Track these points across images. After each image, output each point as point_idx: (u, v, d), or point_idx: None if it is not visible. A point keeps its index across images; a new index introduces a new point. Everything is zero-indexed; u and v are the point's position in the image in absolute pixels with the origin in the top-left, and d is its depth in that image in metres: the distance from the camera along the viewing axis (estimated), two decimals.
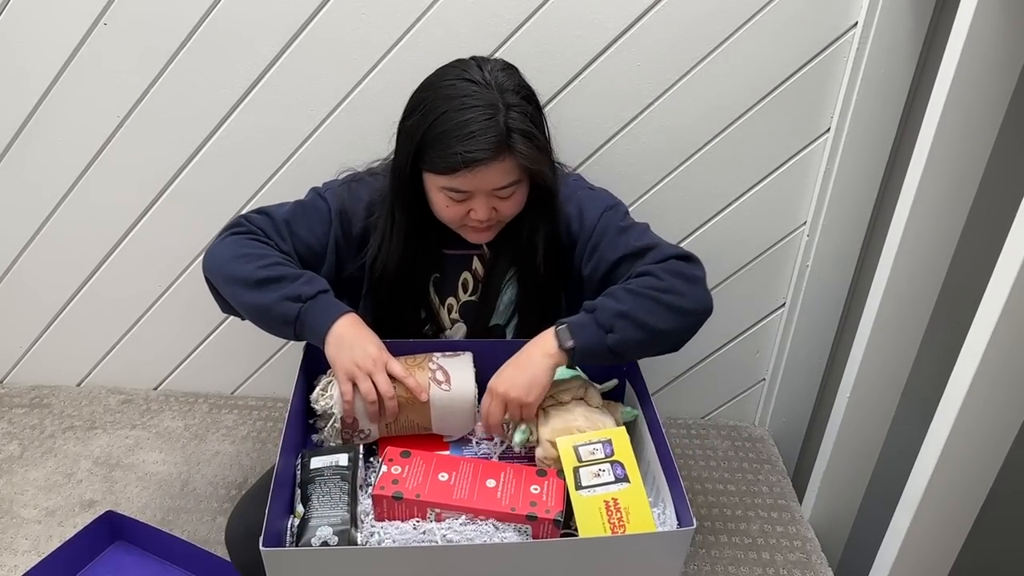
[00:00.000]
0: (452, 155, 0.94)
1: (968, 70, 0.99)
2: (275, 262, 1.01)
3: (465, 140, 0.94)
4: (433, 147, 0.97)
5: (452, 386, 0.97)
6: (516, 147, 0.96)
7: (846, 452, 1.37)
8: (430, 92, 0.99)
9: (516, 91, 0.99)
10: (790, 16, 1.26)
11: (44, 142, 1.43)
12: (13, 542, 1.33)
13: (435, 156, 0.97)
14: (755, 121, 1.35)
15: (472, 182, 0.97)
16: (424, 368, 0.98)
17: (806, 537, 1.40)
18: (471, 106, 0.95)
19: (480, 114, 0.95)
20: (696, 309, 0.98)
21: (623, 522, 0.82)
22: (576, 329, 0.94)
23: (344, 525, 0.83)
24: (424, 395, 0.96)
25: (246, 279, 0.99)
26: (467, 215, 1.02)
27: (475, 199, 1.00)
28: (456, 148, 0.94)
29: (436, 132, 0.96)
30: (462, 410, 0.98)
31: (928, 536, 1.07)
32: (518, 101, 0.98)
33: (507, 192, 1.00)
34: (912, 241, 1.13)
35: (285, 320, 0.98)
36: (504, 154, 0.96)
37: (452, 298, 1.15)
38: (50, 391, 1.69)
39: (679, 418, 1.70)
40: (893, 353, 1.25)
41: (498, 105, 0.96)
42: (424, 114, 0.98)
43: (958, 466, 0.99)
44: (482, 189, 0.99)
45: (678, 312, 0.96)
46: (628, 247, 1.03)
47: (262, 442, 1.59)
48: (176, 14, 1.30)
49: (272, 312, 0.98)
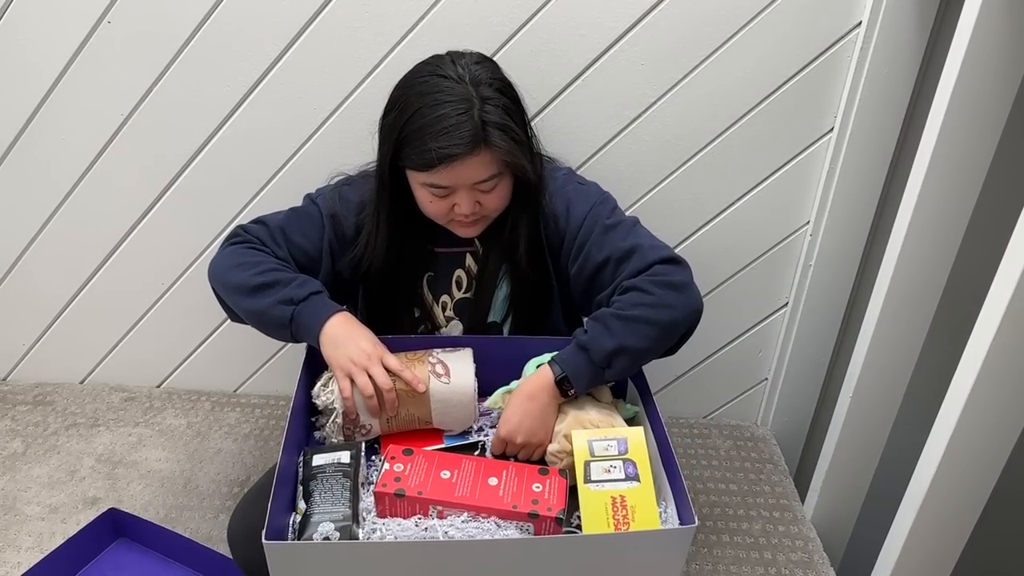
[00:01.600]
0: (427, 151, 0.95)
1: (972, 70, 0.99)
2: (270, 268, 1.03)
3: (440, 136, 0.94)
4: (410, 144, 0.97)
5: (452, 379, 0.97)
6: (492, 141, 0.96)
7: (848, 452, 1.37)
8: (405, 90, 1.00)
9: (491, 83, 0.99)
10: (793, 15, 1.26)
11: (48, 140, 1.43)
12: (16, 539, 1.33)
13: (412, 153, 0.97)
14: (758, 121, 1.35)
15: (451, 177, 0.98)
16: (424, 362, 0.99)
17: (808, 537, 1.40)
18: (444, 102, 0.95)
19: (453, 109, 0.95)
20: (688, 317, 0.99)
21: (628, 519, 0.82)
22: (573, 374, 0.95)
23: (346, 521, 0.83)
24: (422, 386, 0.96)
25: (243, 286, 1.02)
26: (451, 210, 1.02)
27: (458, 194, 1.00)
28: (431, 145, 0.95)
29: (412, 129, 0.97)
30: (462, 403, 0.98)
31: (931, 536, 1.07)
32: (493, 94, 0.98)
33: (488, 186, 1.01)
34: (915, 241, 1.13)
35: (280, 324, 1.00)
36: (480, 148, 0.96)
37: (446, 295, 1.15)
38: (53, 388, 1.70)
39: (681, 417, 1.70)
40: (896, 353, 1.25)
41: (472, 99, 0.96)
42: (400, 112, 0.99)
43: (961, 466, 0.99)
44: (462, 184, 0.99)
45: (671, 326, 0.97)
46: (614, 248, 1.02)
47: (264, 440, 1.59)
48: (179, 13, 1.30)
49: (268, 316, 1.01)
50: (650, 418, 0.98)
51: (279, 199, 1.45)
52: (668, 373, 1.64)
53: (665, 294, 0.97)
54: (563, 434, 0.94)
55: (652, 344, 0.96)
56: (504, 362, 1.03)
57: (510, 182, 1.04)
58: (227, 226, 1.50)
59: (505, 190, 1.04)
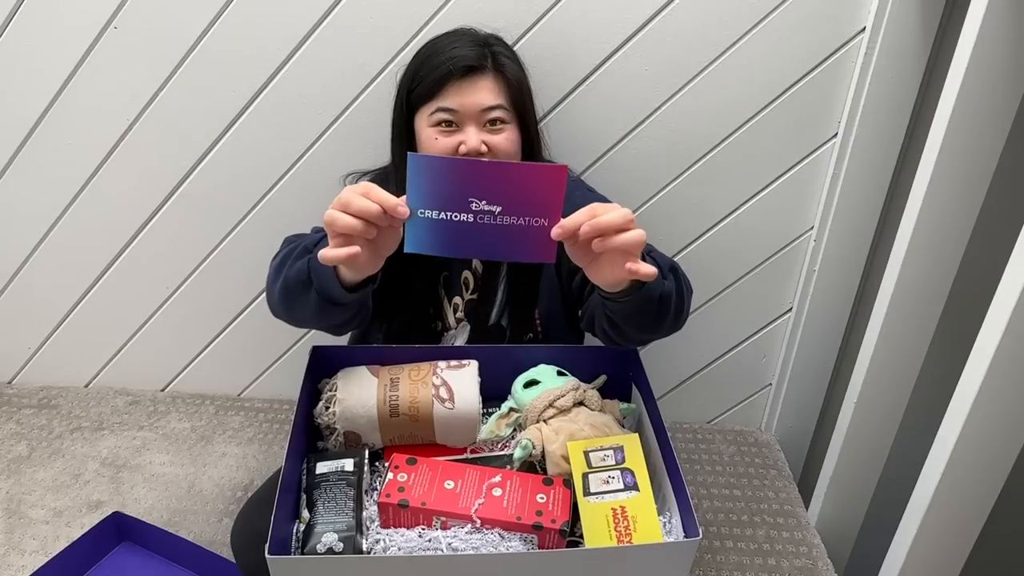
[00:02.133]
0: (439, 66, 1.03)
1: (977, 74, 0.98)
2: (289, 248, 0.97)
3: (450, 50, 1.04)
4: (421, 74, 1.05)
5: (456, 404, 0.96)
6: (502, 66, 1.05)
7: (853, 457, 1.37)
8: (422, 47, 1.11)
9: (501, 43, 1.10)
10: (798, 20, 1.26)
11: (54, 144, 1.44)
12: (21, 542, 1.33)
13: (424, 80, 1.04)
14: (763, 125, 1.35)
15: (458, 96, 1.02)
16: (428, 384, 0.98)
17: (812, 543, 1.39)
18: (455, 42, 1.06)
19: (466, 42, 1.06)
20: (682, 321, 0.99)
21: (630, 531, 0.82)
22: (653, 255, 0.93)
23: (349, 531, 0.83)
24: (402, 209, 0.79)
25: (277, 275, 0.95)
26: (457, 151, 1.04)
27: (465, 129, 1.03)
28: (442, 58, 1.03)
29: (423, 60, 1.06)
30: (465, 426, 0.97)
31: (936, 542, 1.06)
32: (503, 48, 1.09)
33: (495, 116, 1.04)
34: (920, 246, 1.12)
35: (303, 280, 0.90)
36: (488, 68, 1.04)
37: (458, 297, 1.16)
38: (58, 392, 1.70)
39: (685, 423, 1.69)
40: (901, 358, 1.25)
41: (483, 44, 1.07)
42: (414, 60, 1.09)
43: (966, 472, 0.99)
44: (470, 108, 1.03)
45: (678, 311, 0.96)
46: None
47: (268, 444, 1.59)
48: (186, 17, 1.31)
49: (294, 282, 0.91)
50: (654, 426, 0.97)
51: (285, 203, 1.46)
52: (671, 378, 1.64)
53: (687, 286, 0.99)
54: (560, 455, 0.92)
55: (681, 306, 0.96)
56: (507, 371, 1.03)
57: (518, 137, 1.07)
58: (232, 230, 1.50)
59: (513, 138, 1.06)
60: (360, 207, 0.77)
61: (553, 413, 0.97)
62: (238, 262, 1.53)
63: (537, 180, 0.77)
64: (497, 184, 0.77)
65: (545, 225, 0.78)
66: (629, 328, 0.94)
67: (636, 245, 0.78)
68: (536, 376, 1.01)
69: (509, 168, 0.80)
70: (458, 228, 0.78)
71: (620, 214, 0.78)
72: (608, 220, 0.77)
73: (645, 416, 1.01)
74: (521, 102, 1.07)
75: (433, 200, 0.77)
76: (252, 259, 1.52)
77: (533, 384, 1.00)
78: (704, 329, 1.56)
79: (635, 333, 0.96)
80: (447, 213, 0.78)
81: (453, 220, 0.78)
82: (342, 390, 0.98)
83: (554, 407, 0.97)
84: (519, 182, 0.77)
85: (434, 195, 0.77)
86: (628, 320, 0.92)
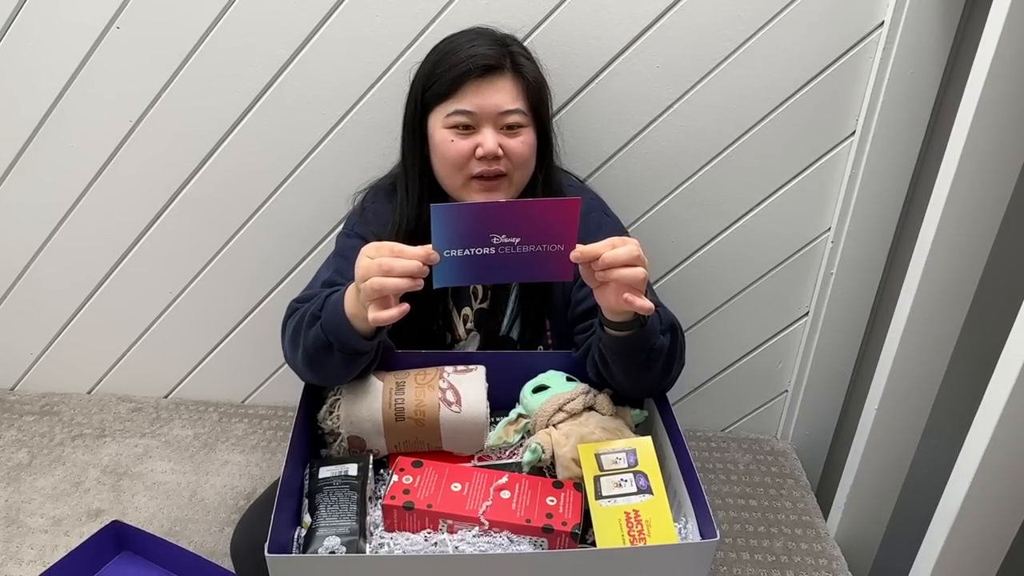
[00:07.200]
0: (456, 64, 1.01)
1: (1001, 68, 0.95)
2: (299, 317, 0.97)
3: (468, 48, 1.03)
4: (438, 72, 1.03)
5: (463, 408, 0.94)
6: (520, 67, 1.04)
7: (873, 466, 1.33)
8: (438, 45, 1.09)
9: (519, 44, 1.09)
10: (814, 16, 1.24)
11: (56, 147, 1.42)
12: (19, 552, 1.31)
13: (441, 78, 1.03)
14: (778, 124, 1.32)
15: (476, 98, 1.01)
16: (434, 388, 0.96)
17: (832, 555, 1.35)
18: (473, 40, 1.05)
19: (484, 40, 1.05)
20: (671, 381, 0.99)
21: (644, 535, 0.79)
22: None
23: (352, 535, 0.81)
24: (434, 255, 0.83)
25: (293, 350, 0.97)
26: (473, 155, 1.02)
27: (482, 130, 1.02)
28: (460, 56, 1.02)
29: (440, 57, 1.04)
30: (472, 431, 0.95)
31: (964, 555, 1.02)
32: (521, 49, 1.08)
33: (513, 121, 1.03)
34: (943, 247, 1.09)
35: (324, 346, 0.91)
36: (507, 69, 1.03)
37: (467, 307, 1.14)
38: (60, 399, 1.68)
39: (699, 430, 1.66)
40: (923, 363, 1.21)
41: (502, 44, 1.05)
42: (429, 57, 1.07)
43: (997, 481, 0.95)
44: (488, 110, 1.01)
45: (665, 371, 0.96)
46: None
47: (272, 452, 1.56)
48: (188, 18, 1.29)
49: (313, 349, 0.93)
50: (669, 431, 0.95)
51: (288, 206, 1.45)
52: (685, 385, 1.61)
53: (681, 351, 0.99)
54: (571, 458, 0.90)
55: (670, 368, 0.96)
56: (515, 379, 1.01)
57: (534, 137, 1.06)
58: (236, 233, 1.48)
59: (529, 142, 1.05)
60: (404, 268, 0.81)
61: (563, 417, 0.94)
62: (242, 267, 1.51)
63: (553, 213, 0.82)
64: (516, 220, 0.82)
65: (562, 250, 0.83)
66: (616, 368, 0.94)
67: (637, 281, 0.82)
68: (545, 381, 1.00)
69: (526, 205, 0.84)
70: (481, 261, 0.83)
71: (627, 251, 0.83)
72: (614, 256, 0.82)
73: (659, 422, 0.99)
74: (539, 104, 1.07)
75: (457, 241, 0.82)
76: (256, 264, 1.50)
77: (542, 389, 0.99)
78: (718, 334, 1.53)
79: (620, 375, 0.95)
80: (471, 250, 0.82)
81: (476, 255, 0.83)
82: (346, 393, 0.97)
83: (564, 411, 0.95)
84: (536, 216, 0.82)
85: (458, 236, 0.82)
86: (616, 358, 0.93)
